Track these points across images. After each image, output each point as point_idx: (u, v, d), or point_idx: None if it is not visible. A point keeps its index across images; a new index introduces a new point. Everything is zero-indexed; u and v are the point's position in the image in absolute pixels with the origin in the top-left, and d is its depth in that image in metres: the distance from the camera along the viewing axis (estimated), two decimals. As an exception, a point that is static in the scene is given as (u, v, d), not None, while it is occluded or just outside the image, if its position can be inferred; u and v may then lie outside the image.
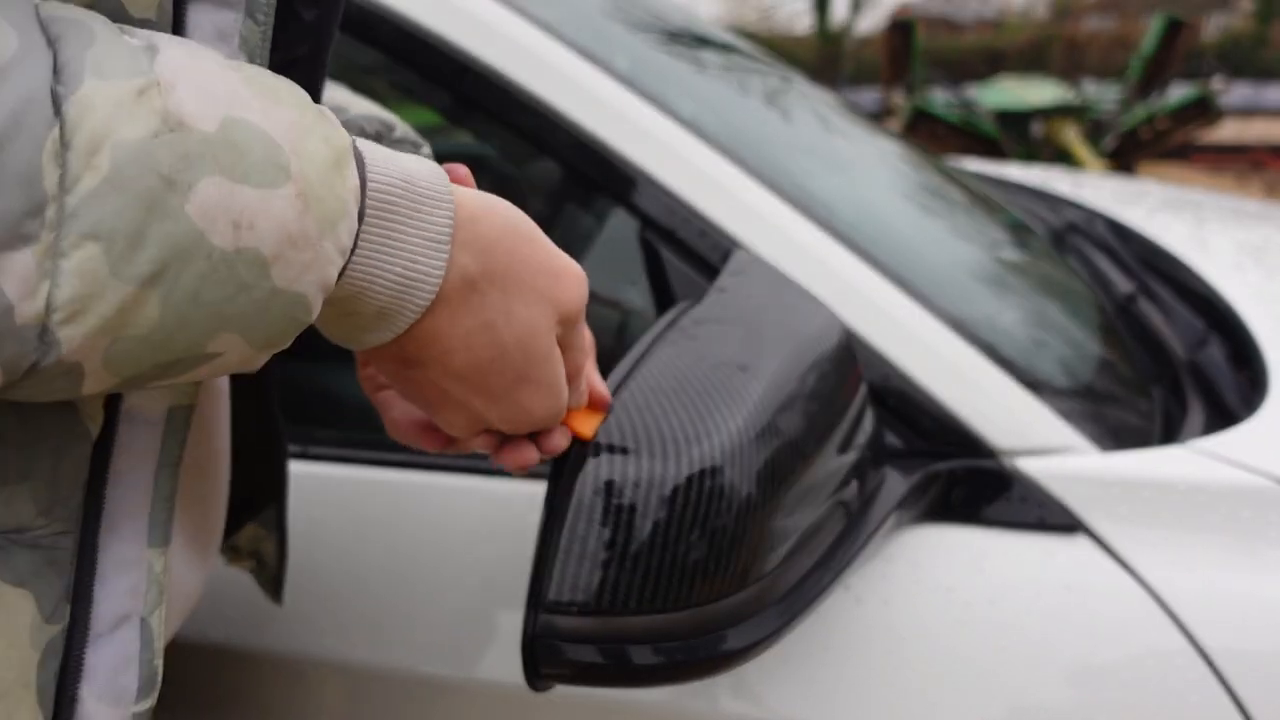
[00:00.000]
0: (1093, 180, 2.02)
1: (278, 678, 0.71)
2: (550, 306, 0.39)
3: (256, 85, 0.31)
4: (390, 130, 0.52)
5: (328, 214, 0.31)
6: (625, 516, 0.45)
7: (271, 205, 0.29)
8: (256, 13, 0.36)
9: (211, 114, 0.28)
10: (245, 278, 0.29)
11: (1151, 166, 8.69)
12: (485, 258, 0.37)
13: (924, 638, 0.62)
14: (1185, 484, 0.65)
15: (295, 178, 0.30)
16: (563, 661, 0.47)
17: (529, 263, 0.38)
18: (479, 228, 0.37)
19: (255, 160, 0.29)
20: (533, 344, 0.39)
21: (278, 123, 0.30)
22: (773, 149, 0.93)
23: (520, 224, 0.39)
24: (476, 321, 0.38)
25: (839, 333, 0.57)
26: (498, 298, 0.38)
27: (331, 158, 0.31)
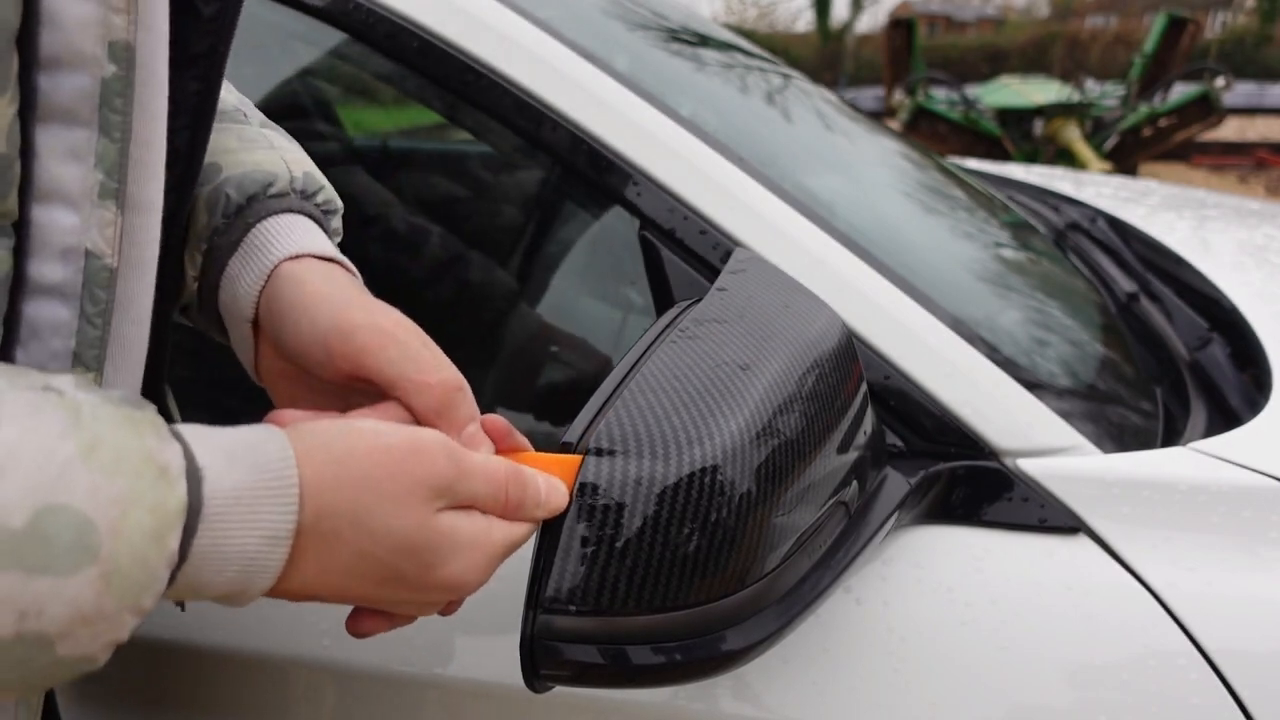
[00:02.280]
0: (1094, 180, 2.01)
1: (275, 680, 0.71)
2: (407, 498, 0.38)
3: (95, 456, 0.30)
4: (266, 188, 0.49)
5: (131, 587, 0.31)
6: (625, 516, 0.45)
7: (66, 591, 0.29)
8: (112, 130, 0.35)
9: (26, 506, 0.28)
10: (24, 656, 0.29)
11: (1153, 165, 8.68)
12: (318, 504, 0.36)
13: (924, 638, 0.62)
14: (1187, 485, 0.65)
15: (103, 559, 0.30)
16: (562, 662, 0.46)
17: (363, 479, 0.37)
18: (323, 500, 0.36)
19: (61, 548, 0.29)
20: (410, 541, 0.38)
21: (103, 500, 0.30)
22: (773, 148, 0.93)
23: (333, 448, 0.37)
24: (344, 559, 0.37)
25: (840, 332, 0.57)
26: (351, 529, 0.37)
27: (154, 529, 0.31)
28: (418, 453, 0.39)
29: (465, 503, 0.41)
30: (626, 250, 0.96)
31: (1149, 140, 7.49)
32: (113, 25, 0.35)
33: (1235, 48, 17.33)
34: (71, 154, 0.35)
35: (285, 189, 0.50)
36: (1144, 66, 7.66)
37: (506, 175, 1.25)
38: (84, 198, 0.36)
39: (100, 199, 0.36)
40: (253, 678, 0.71)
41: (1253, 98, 12.98)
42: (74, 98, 0.34)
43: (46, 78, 0.33)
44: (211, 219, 0.48)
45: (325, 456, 0.37)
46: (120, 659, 0.74)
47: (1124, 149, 7.49)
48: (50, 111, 0.34)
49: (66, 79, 0.34)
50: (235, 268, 0.48)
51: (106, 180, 0.36)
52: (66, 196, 0.35)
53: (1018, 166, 2.11)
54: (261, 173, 0.50)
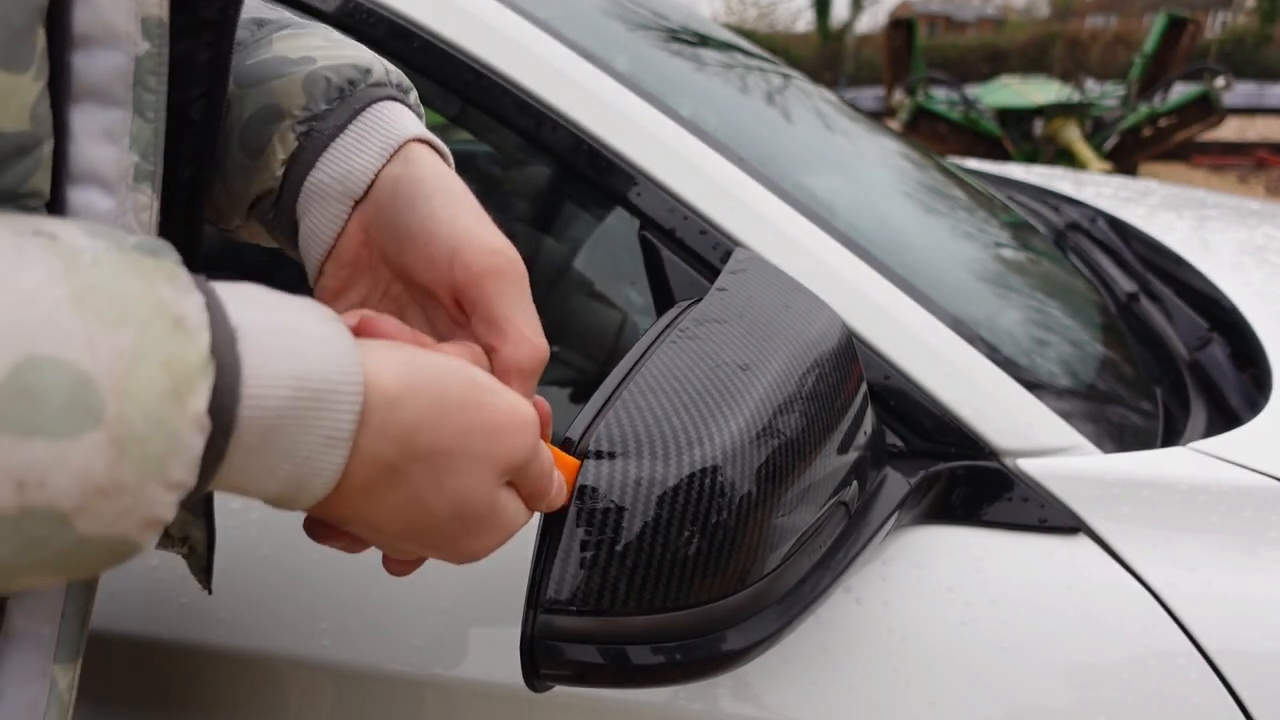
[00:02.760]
0: (1094, 180, 2.01)
1: (274, 680, 0.71)
2: (489, 467, 0.37)
3: (90, 304, 0.27)
4: (366, 75, 0.47)
5: (152, 454, 0.27)
6: (625, 516, 0.45)
7: (70, 457, 0.26)
8: (146, 110, 0.34)
9: (4, 358, 0.25)
10: (38, 533, 0.27)
11: (1153, 165, 8.68)
12: (405, 443, 0.34)
13: (924, 638, 0.62)
14: (1187, 485, 0.65)
15: (109, 421, 0.26)
16: (562, 661, 0.46)
17: (460, 431, 0.36)
18: (397, 413, 0.34)
19: (53, 407, 0.26)
20: (470, 507, 0.37)
21: (103, 355, 0.27)
22: (773, 148, 0.93)
23: (450, 390, 0.36)
24: (401, 497, 0.36)
25: (840, 332, 0.57)
26: (423, 474, 0.35)
27: (169, 386, 0.27)
28: (516, 426, 0.38)
29: (516, 482, 0.40)
30: (626, 250, 0.96)
31: (1149, 140, 7.49)
32: (145, 1, 0.34)
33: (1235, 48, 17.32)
34: (106, 135, 0.34)
35: (384, 79, 0.48)
36: (1144, 66, 7.66)
37: (506, 175, 1.25)
38: (120, 180, 0.35)
39: (136, 181, 0.35)
40: (253, 678, 0.71)
41: (1253, 98, 12.98)
42: (108, 76, 0.33)
43: (80, 56, 0.33)
44: (310, 101, 0.45)
45: (436, 397, 0.35)
46: (120, 659, 0.74)
47: (1124, 149, 7.49)
48: (84, 90, 0.33)
49: (100, 57, 0.33)
50: (347, 144, 0.45)
51: (142, 162, 0.35)
52: (102, 179, 0.34)
53: (1018, 166, 2.11)
54: (359, 62, 0.48)
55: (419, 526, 0.37)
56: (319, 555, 0.72)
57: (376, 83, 0.48)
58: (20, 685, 0.34)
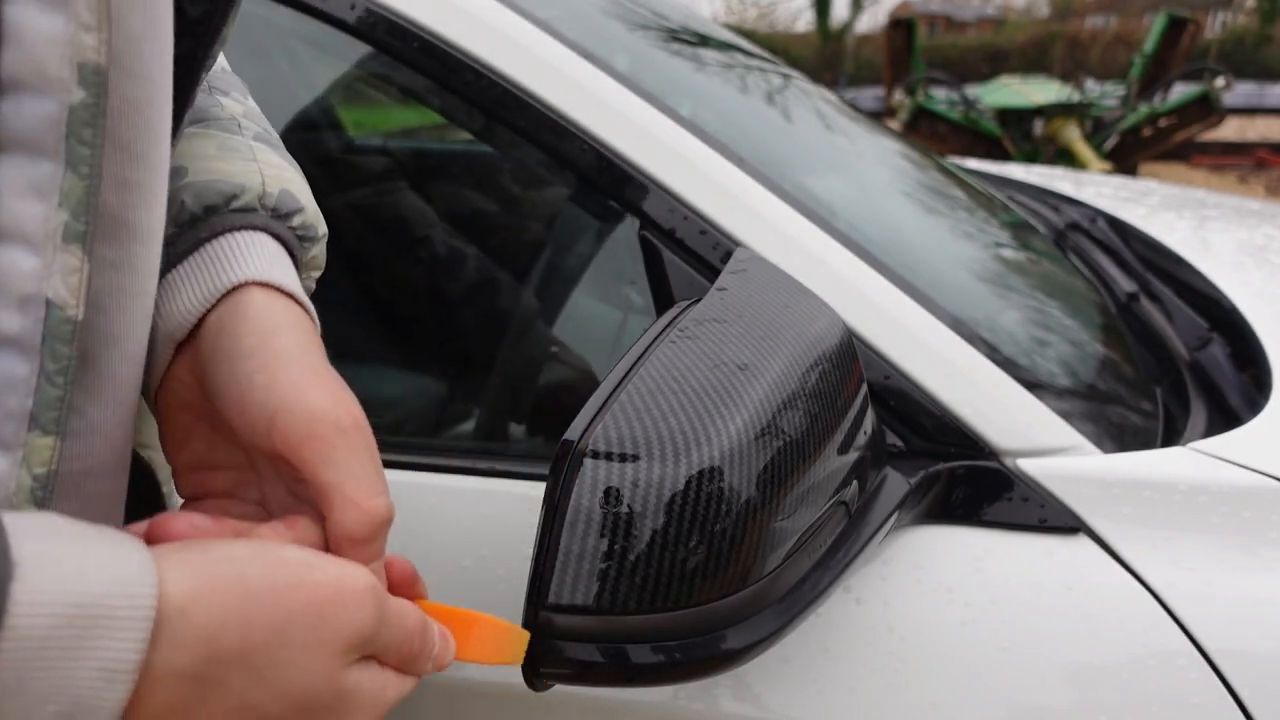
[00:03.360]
0: (1094, 180, 2.01)
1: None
2: (323, 651, 0.33)
3: None
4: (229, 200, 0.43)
5: None
6: (625, 516, 0.45)
7: None
8: (79, 165, 0.32)
9: None
10: None
11: (1153, 165, 8.68)
12: (209, 646, 0.31)
13: (925, 638, 0.62)
14: (1187, 485, 0.65)
15: None
16: (562, 660, 0.46)
17: (274, 623, 0.32)
18: (191, 621, 0.30)
19: None
20: (311, 698, 0.34)
21: None
22: (773, 148, 0.93)
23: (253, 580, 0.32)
24: (221, 709, 0.32)
25: (841, 332, 0.57)
26: (242, 677, 0.32)
27: None
28: (345, 600, 0.34)
29: (373, 654, 0.36)
30: (626, 250, 0.96)
31: (1149, 140, 7.49)
32: (82, 45, 0.31)
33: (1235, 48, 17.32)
34: (33, 189, 0.31)
35: (253, 203, 0.44)
36: (1144, 66, 7.66)
37: (506, 175, 1.25)
38: (46, 240, 0.32)
39: (64, 242, 0.32)
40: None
41: (1253, 98, 12.98)
42: (38, 126, 0.31)
43: (8, 102, 0.30)
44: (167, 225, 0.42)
45: (237, 591, 0.32)
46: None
47: (1124, 149, 7.49)
48: (11, 140, 0.30)
49: (30, 104, 0.30)
50: (176, 280, 0.42)
51: (72, 221, 0.32)
52: (27, 237, 0.31)
53: (1018, 166, 2.11)
54: (229, 183, 0.44)
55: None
56: (319, 555, 0.72)
57: (243, 208, 0.44)
58: None
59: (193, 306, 0.41)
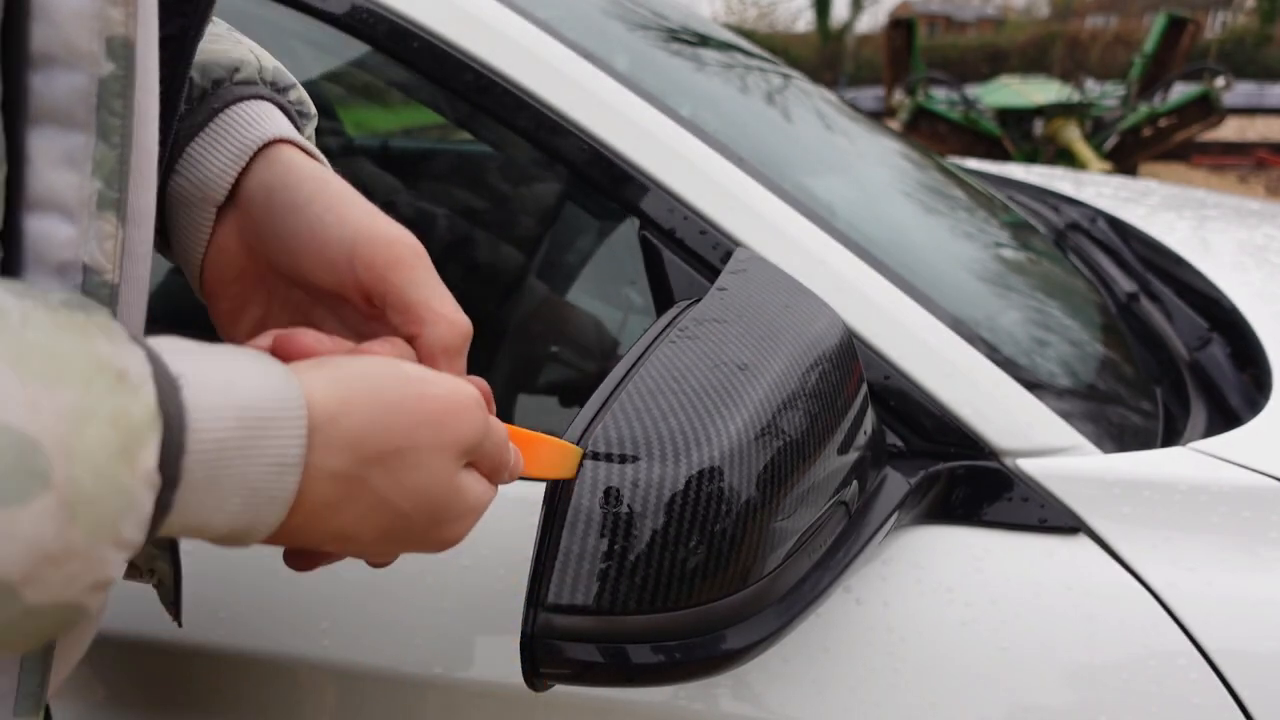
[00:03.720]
0: (1094, 180, 2.01)
1: (274, 679, 0.71)
2: (443, 454, 0.37)
3: (30, 364, 0.26)
4: (233, 73, 0.45)
5: (104, 515, 0.27)
6: (625, 516, 0.45)
7: (18, 525, 0.25)
8: (110, 135, 0.33)
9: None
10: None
11: (1153, 165, 8.68)
12: (355, 452, 0.34)
13: (925, 638, 0.62)
14: (1187, 485, 0.65)
15: (58, 484, 0.26)
16: (562, 661, 0.46)
17: (406, 429, 0.36)
18: (340, 427, 0.34)
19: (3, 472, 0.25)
20: (435, 498, 0.37)
21: (47, 416, 0.26)
22: (773, 148, 0.93)
23: (386, 391, 0.36)
24: (365, 505, 0.36)
25: (841, 332, 0.57)
26: (382, 477, 0.35)
27: (118, 443, 0.27)
28: (459, 409, 0.37)
29: (474, 461, 0.39)
30: (626, 250, 0.96)
31: (1149, 140, 7.49)
32: (110, 19, 0.32)
33: (1235, 48, 17.32)
34: (67, 160, 0.32)
35: (253, 76, 0.46)
36: (1144, 66, 7.66)
37: (506, 175, 1.25)
38: (81, 208, 0.33)
39: (99, 209, 0.33)
40: (253, 678, 0.71)
41: (1253, 98, 12.98)
42: (69, 98, 0.32)
43: (39, 76, 0.31)
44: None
45: (375, 402, 0.35)
46: (120, 659, 0.74)
47: (1124, 149, 7.49)
48: (44, 113, 0.31)
49: (61, 77, 0.31)
50: (199, 150, 0.43)
51: (105, 189, 0.33)
52: (62, 205, 0.32)
53: (1018, 166, 2.11)
54: (227, 58, 0.45)
55: (390, 528, 0.37)
56: (319, 555, 0.72)
57: (244, 80, 0.46)
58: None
59: (226, 166, 0.43)
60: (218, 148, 0.43)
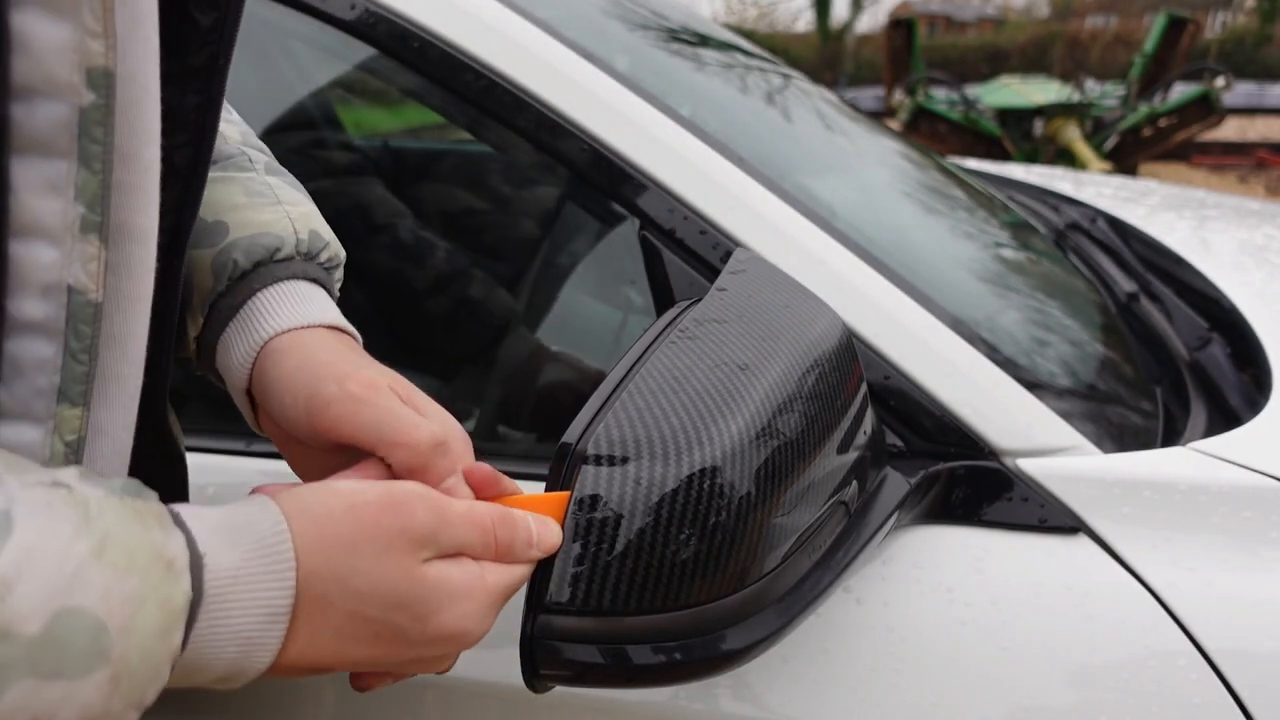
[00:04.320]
0: (1094, 180, 2.01)
1: (275, 680, 0.71)
2: (397, 551, 0.39)
3: (106, 556, 0.30)
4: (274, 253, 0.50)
5: (139, 686, 0.32)
6: (625, 516, 0.45)
7: (78, 694, 0.30)
8: (92, 161, 0.34)
9: (42, 611, 0.29)
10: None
11: (1153, 165, 8.68)
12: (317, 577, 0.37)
13: (924, 639, 0.62)
14: (1187, 484, 0.65)
15: (114, 660, 0.30)
16: (562, 662, 0.46)
17: (344, 539, 0.38)
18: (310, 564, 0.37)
19: (75, 653, 0.29)
20: (400, 594, 0.38)
21: (115, 601, 0.30)
22: (773, 148, 0.93)
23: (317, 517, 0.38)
24: (335, 624, 0.38)
25: (841, 332, 0.57)
26: (339, 591, 0.37)
27: (162, 624, 0.32)
28: (394, 505, 0.39)
29: (453, 551, 0.41)
30: (626, 250, 0.96)
31: (1149, 140, 7.49)
32: (89, 51, 0.33)
33: (1235, 48, 17.32)
34: (49, 187, 0.33)
35: (291, 253, 0.51)
36: (1144, 66, 7.66)
37: (506, 176, 1.25)
38: (64, 232, 0.34)
39: (82, 233, 0.35)
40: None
41: (1253, 98, 12.98)
42: (50, 128, 0.33)
43: (20, 107, 0.32)
44: (217, 284, 0.49)
45: (306, 521, 0.37)
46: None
47: (1124, 149, 7.49)
48: (26, 142, 0.32)
49: (41, 108, 0.32)
50: (230, 337, 0.49)
51: (88, 213, 0.35)
52: (46, 231, 0.34)
53: (1018, 166, 2.11)
54: (269, 236, 0.50)
55: (378, 636, 0.39)
56: (319, 555, 0.72)
57: (284, 258, 0.50)
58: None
59: (244, 362, 0.48)
60: (238, 341, 0.49)
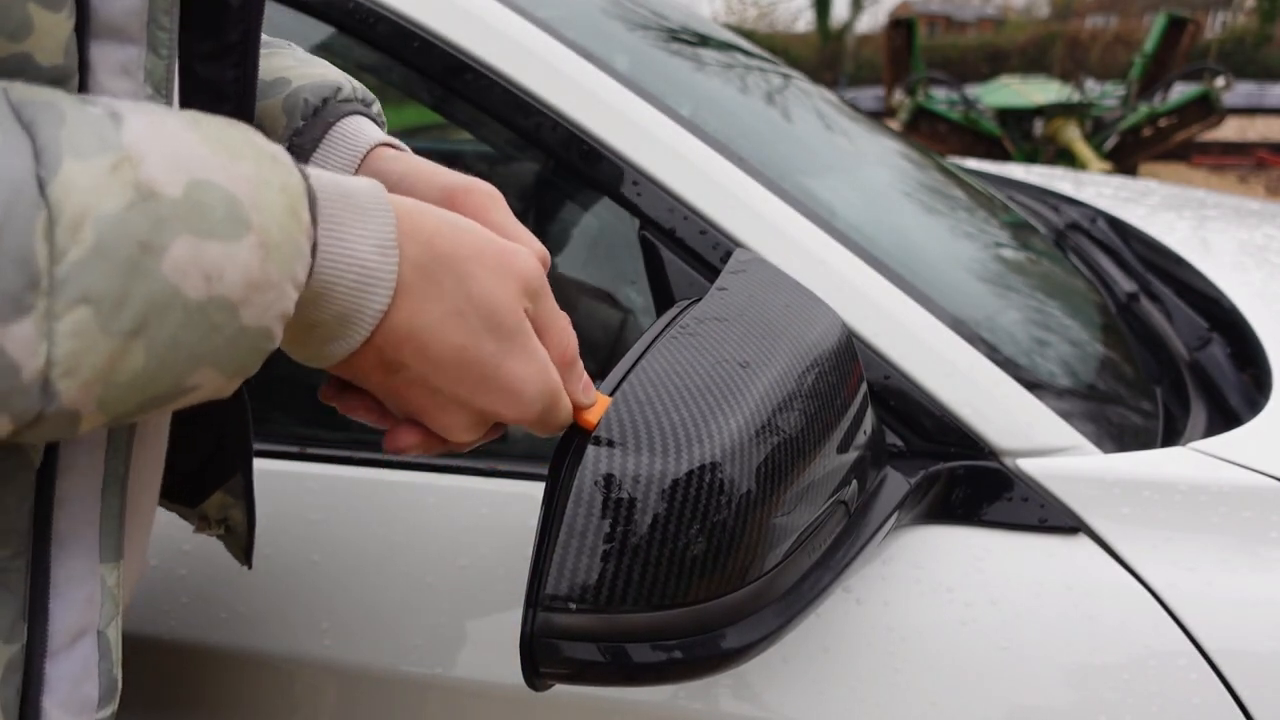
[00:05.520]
0: (1094, 180, 2.01)
1: (275, 680, 0.71)
2: (508, 279, 0.42)
3: (214, 143, 0.33)
4: (337, 92, 0.55)
5: (286, 258, 0.34)
6: (624, 514, 0.45)
7: (236, 256, 0.32)
8: (159, 47, 0.37)
9: (178, 179, 0.31)
10: (217, 321, 0.32)
11: (1153, 165, 8.68)
12: (431, 246, 0.40)
13: (925, 638, 0.62)
14: (1187, 484, 0.65)
15: (255, 229, 0.33)
16: (561, 660, 0.46)
17: (475, 243, 0.41)
18: (417, 222, 0.40)
19: (219, 217, 0.32)
20: (500, 318, 0.41)
21: (238, 179, 0.33)
22: (773, 148, 0.93)
23: (456, 218, 0.42)
24: (441, 310, 0.40)
25: (841, 332, 0.57)
26: (453, 283, 0.40)
27: (287, 205, 0.34)
28: (519, 253, 0.43)
29: (541, 323, 0.44)
30: (626, 250, 0.96)
31: (1149, 140, 7.49)
32: None
33: (1235, 48, 17.32)
34: (123, 69, 0.36)
35: (350, 95, 0.56)
36: (1144, 66, 7.66)
37: (506, 175, 1.25)
38: None
39: None
40: (253, 677, 0.71)
41: (1253, 98, 12.98)
42: (124, 15, 0.36)
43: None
44: (291, 121, 0.53)
45: (444, 220, 0.41)
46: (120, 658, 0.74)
47: (1124, 149, 7.49)
48: (103, 28, 0.35)
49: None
50: (320, 158, 0.53)
51: (155, 95, 0.37)
52: None
53: (1018, 166, 2.11)
54: (329, 82, 0.55)
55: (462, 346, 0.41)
56: (319, 556, 0.72)
57: (345, 99, 0.55)
58: (75, 584, 0.38)
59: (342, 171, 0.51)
60: (333, 156, 0.53)
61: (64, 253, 0.28)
